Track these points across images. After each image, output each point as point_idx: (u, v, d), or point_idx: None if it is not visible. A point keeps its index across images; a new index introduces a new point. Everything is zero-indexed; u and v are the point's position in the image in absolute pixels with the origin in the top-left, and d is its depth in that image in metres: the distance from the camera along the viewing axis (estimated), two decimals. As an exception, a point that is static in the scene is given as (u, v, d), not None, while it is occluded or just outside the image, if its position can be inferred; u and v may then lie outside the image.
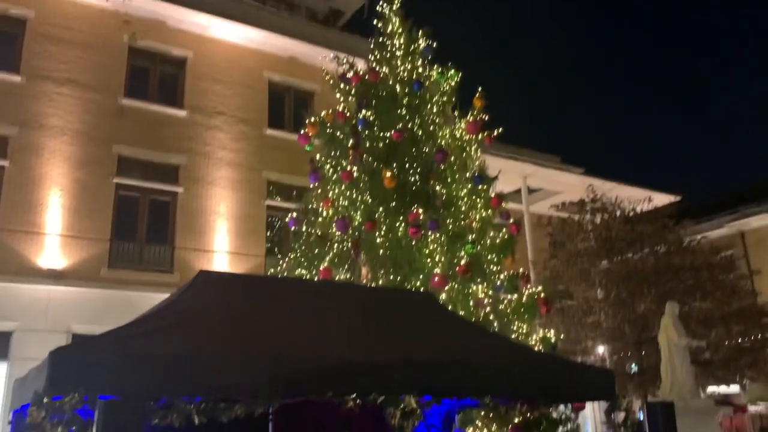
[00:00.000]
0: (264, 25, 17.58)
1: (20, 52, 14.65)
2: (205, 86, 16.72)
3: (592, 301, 17.14)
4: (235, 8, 17.59)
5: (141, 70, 16.31)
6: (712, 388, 19.50)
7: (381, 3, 12.36)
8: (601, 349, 17.05)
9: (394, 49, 12.15)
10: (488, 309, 9.77)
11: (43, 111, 14.47)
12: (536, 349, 9.42)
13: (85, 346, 4.40)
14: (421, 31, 12.25)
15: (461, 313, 9.42)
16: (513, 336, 9.76)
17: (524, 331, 10.08)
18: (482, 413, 8.88)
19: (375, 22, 12.47)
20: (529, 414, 6.50)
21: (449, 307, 8.90)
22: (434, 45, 12.25)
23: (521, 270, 11.16)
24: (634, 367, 16.30)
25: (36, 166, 14.07)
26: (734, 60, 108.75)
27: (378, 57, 12.20)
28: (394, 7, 12.37)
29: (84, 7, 15.43)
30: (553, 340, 10.11)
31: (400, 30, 12.30)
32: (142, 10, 15.46)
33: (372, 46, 12.53)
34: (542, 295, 10.30)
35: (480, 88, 12.06)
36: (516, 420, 8.58)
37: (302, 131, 12.10)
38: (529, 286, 10.72)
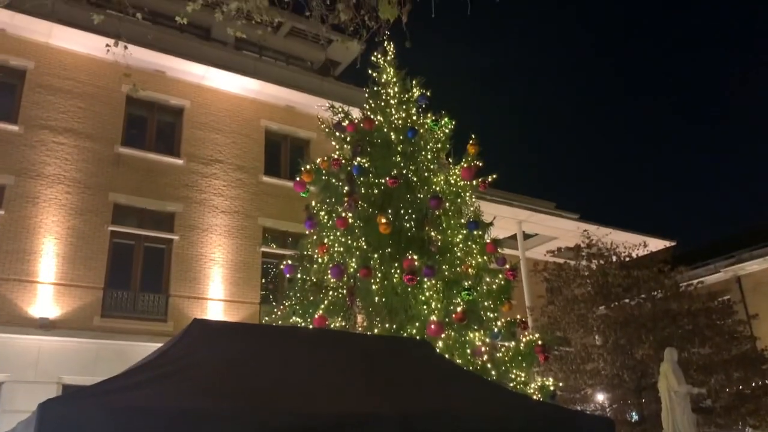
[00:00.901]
0: (261, 75, 17.91)
1: (19, 101, 14.83)
2: (202, 135, 16.89)
3: (590, 347, 16.97)
4: (232, 59, 17.94)
5: (139, 119, 16.50)
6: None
7: (376, 54, 12.59)
8: (600, 397, 16.79)
9: (388, 98, 12.33)
10: (485, 357, 9.64)
11: (41, 160, 14.56)
12: (535, 398, 9.27)
13: (74, 399, 4.31)
14: (414, 81, 12.46)
15: (458, 361, 9.29)
16: (511, 384, 9.62)
17: (522, 379, 9.94)
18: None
19: (370, 72, 12.69)
20: (528, 466, 6.37)
21: (446, 356, 8.79)
22: (428, 93, 12.44)
23: (518, 317, 11.10)
24: (634, 415, 16.04)
25: (31, 215, 14.07)
26: (725, 113, 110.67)
27: (373, 105, 12.37)
28: (389, 58, 12.61)
29: (83, 58, 15.70)
30: (551, 389, 9.97)
31: (394, 79, 12.50)
32: (142, 60, 15.73)
33: (367, 95, 12.73)
34: (540, 342, 10.19)
35: (474, 135, 12.19)
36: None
37: (298, 178, 12.15)
38: (526, 333, 10.62)
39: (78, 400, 4.20)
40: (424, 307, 9.79)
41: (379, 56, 12.63)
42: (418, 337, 9.20)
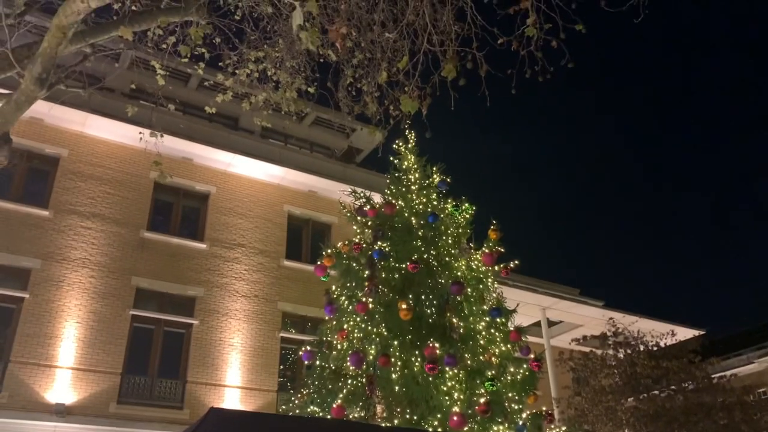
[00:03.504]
0: (286, 162, 18.36)
1: (51, 187, 15.30)
2: (226, 220, 17.16)
3: (620, 442, 16.20)
4: (258, 147, 18.48)
5: (165, 205, 16.87)
6: None
7: (397, 141, 12.89)
8: (634, 497, 15.85)
9: (409, 184, 12.49)
10: (510, 451, 9.23)
11: (67, 244, 14.83)
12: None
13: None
14: (435, 167, 12.66)
15: (482, 455, 8.90)
16: (538, 482, 9.14)
17: (550, 476, 9.46)
18: None
19: (391, 159, 12.94)
20: None
21: (469, 449, 8.42)
22: (448, 179, 12.60)
23: (544, 409, 10.67)
24: None
25: (55, 298, 14.18)
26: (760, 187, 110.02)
27: (394, 191, 12.52)
28: (409, 145, 12.89)
29: (114, 146, 16.29)
30: (581, 487, 9.45)
31: (415, 166, 12.71)
32: (170, 148, 16.21)
33: (388, 181, 12.92)
34: (567, 436, 9.76)
35: (495, 221, 12.22)
36: None
37: (319, 262, 12.17)
38: (553, 426, 10.20)
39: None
40: (446, 397, 9.49)
41: (400, 144, 12.92)
42: (440, 430, 8.87)
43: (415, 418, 9.65)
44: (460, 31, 5.59)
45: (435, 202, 12.28)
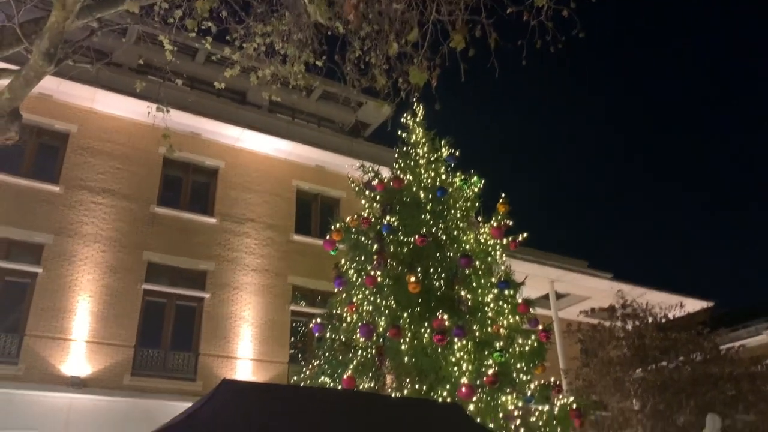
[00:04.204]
0: (294, 136, 18.34)
1: (61, 163, 15.38)
2: (235, 194, 17.23)
3: (627, 412, 16.35)
4: (266, 121, 18.45)
5: (174, 180, 16.94)
6: None
7: (405, 115, 12.85)
8: (641, 466, 16.05)
9: (417, 158, 12.49)
10: (519, 422, 9.37)
11: (79, 219, 14.96)
12: (571, 465, 8.91)
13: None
14: (443, 141, 12.62)
15: (490, 425, 9.03)
16: (546, 451, 9.28)
17: (558, 445, 9.60)
18: None
19: (399, 133, 12.92)
20: None
21: (478, 420, 8.55)
22: (457, 153, 12.57)
23: (552, 380, 10.79)
24: (678, 486, 15.25)
25: (68, 273, 14.36)
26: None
27: (402, 165, 12.52)
28: (418, 119, 12.84)
29: (123, 122, 16.32)
30: (588, 456, 9.59)
31: (423, 140, 12.69)
32: (179, 123, 16.20)
33: (396, 155, 12.91)
34: (575, 406, 9.88)
35: (503, 194, 12.21)
36: None
37: (328, 237, 12.24)
38: (560, 396, 10.32)
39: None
40: (455, 368, 9.61)
41: (408, 117, 12.87)
42: (448, 400, 9.00)
43: (424, 388, 9.80)
44: (470, 1, 5.53)
45: (443, 176, 12.28)
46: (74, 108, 15.90)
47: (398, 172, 12.37)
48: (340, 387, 9.85)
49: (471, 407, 9.16)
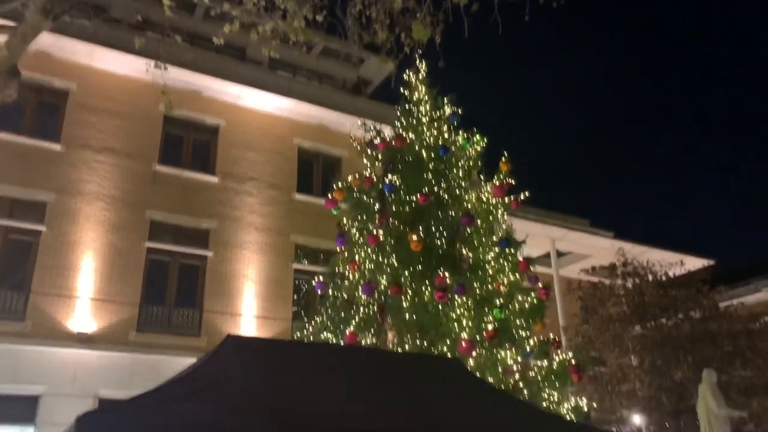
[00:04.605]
0: (295, 94, 18.18)
1: (62, 121, 15.31)
2: (236, 153, 17.18)
3: (626, 368, 16.60)
4: (267, 79, 18.27)
5: (175, 138, 16.88)
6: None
7: (408, 72, 12.69)
8: (637, 419, 16.39)
9: (420, 116, 12.39)
10: (518, 376, 9.53)
11: (81, 178, 14.97)
12: (568, 418, 9.10)
13: (110, 412, 4.40)
14: (446, 99, 12.50)
15: (490, 380, 9.19)
16: (544, 405, 9.47)
17: (555, 399, 9.79)
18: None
19: (402, 90, 12.78)
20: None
21: (477, 374, 8.70)
22: (459, 111, 12.46)
23: (551, 336, 10.94)
24: (672, 439, 15.60)
25: (71, 231, 14.44)
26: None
27: (404, 123, 12.43)
28: (421, 77, 12.69)
29: (123, 79, 16.17)
30: (585, 410, 9.78)
31: (425, 98, 12.56)
32: (179, 80, 16.09)
33: (399, 113, 12.81)
34: (573, 361, 10.04)
35: (506, 152, 12.16)
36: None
37: (330, 196, 12.25)
38: (559, 352, 10.46)
39: (114, 413, 4.30)
40: (455, 324, 9.73)
41: (411, 75, 12.72)
42: (449, 355, 9.14)
43: (425, 343, 9.94)
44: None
45: (446, 135, 12.20)
46: (73, 65, 15.74)
47: (400, 131, 12.29)
48: (342, 343, 10.00)
49: (471, 362, 9.31)
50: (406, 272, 10.48)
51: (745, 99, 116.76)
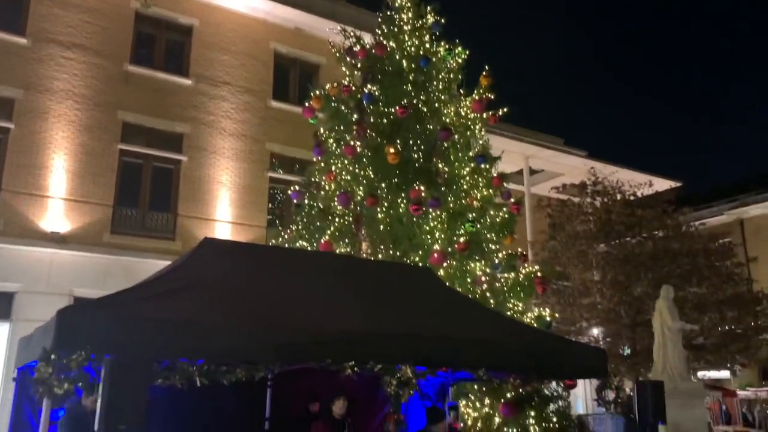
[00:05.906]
0: (271, -6, 17.44)
1: (26, 14, 14.58)
2: (211, 55, 16.66)
3: (588, 282, 17.30)
4: (242, -23, 17.46)
5: (147, 37, 16.25)
6: (702, 372, 19.76)
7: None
8: (595, 331, 17.26)
9: (401, 24, 12.10)
10: (485, 286, 9.89)
11: (49, 74, 14.45)
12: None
13: (92, 307, 4.52)
14: (429, 7, 12.18)
15: (459, 289, 9.54)
16: (508, 314, 9.90)
17: (520, 309, 10.22)
18: (476, 386, 9.11)
19: (383, -5, 12.39)
20: (521, 389, 6.66)
21: (447, 284, 9.02)
22: (442, 21, 12.19)
23: (519, 250, 11.28)
24: (627, 349, 16.52)
25: (41, 130, 14.10)
26: (744, 50, 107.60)
27: (385, 31, 12.15)
28: (403, -20, 12.26)
29: (91, -29, 15.32)
30: (548, 320, 10.25)
31: (408, 4, 12.23)
32: (150, -25, 15.37)
33: (379, 19, 12.48)
34: (539, 274, 10.41)
35: (487, 67, 12.03)
36: (508, 395, 8.78)
37: (307, 104, 12.10)
38: (526, 265, 10.83)
39: (93, 309, 4.42)
40: (428, 236, 9.97)
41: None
42: (421, 265, 9.42)
43: (398, 254, 10.20)
44: None
45: (427, 45, 11.99)
46: (36, -48, 14.81)
47: (381, 39, 12.02)
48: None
49: (441, 272, 9.61)
50: (383, 184, 10.58)
51: (720, 21, 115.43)
